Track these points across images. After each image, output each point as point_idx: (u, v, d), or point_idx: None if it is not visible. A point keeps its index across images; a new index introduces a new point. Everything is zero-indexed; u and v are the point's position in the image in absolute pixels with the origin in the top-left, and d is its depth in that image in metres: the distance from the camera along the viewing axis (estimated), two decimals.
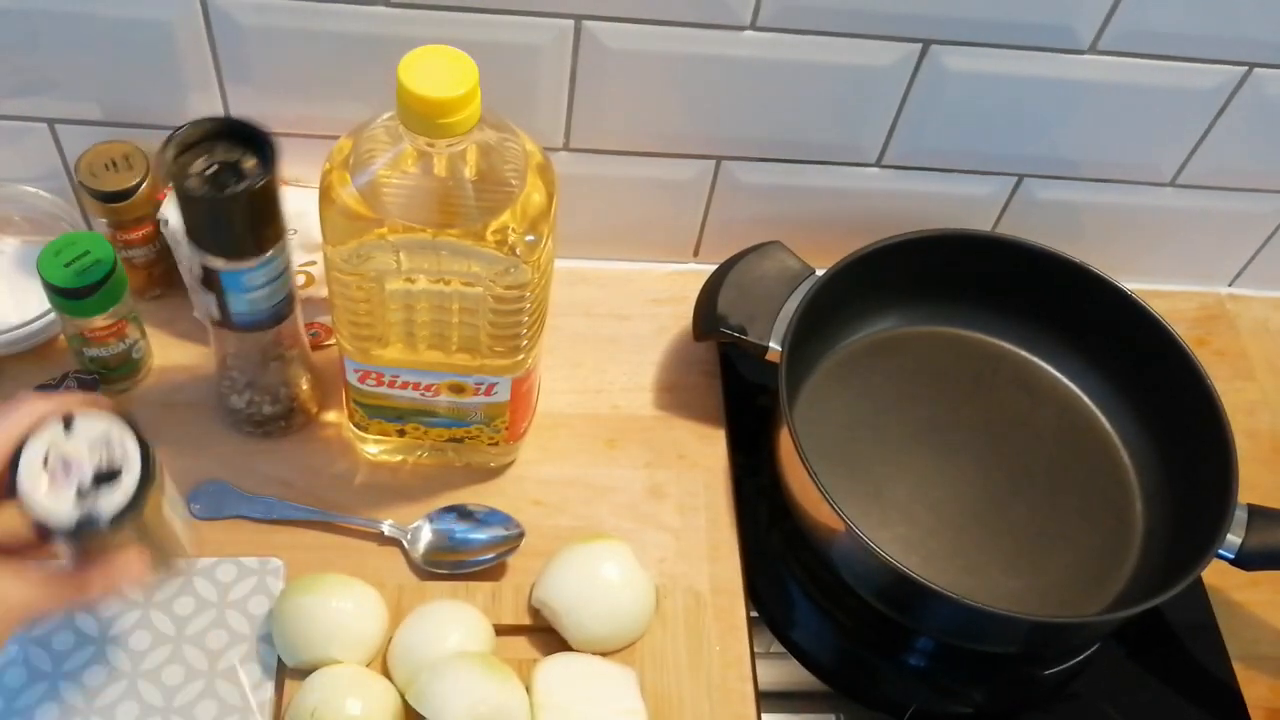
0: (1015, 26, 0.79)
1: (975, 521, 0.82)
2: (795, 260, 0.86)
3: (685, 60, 0.80)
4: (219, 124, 0.66)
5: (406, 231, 0.64)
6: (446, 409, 0.77)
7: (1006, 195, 0.93)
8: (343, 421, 0.83)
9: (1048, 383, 0.90)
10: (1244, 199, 0.95)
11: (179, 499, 0.63)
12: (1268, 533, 0.75)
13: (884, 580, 0.75)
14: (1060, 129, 0.87)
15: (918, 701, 0.77)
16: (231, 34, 0.76)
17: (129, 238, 0.82)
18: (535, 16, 0.76)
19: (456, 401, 0.76)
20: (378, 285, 0.67)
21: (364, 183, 0.65)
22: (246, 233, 0.67)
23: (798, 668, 0.78)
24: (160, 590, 0.74)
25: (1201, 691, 0.81)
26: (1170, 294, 1.02)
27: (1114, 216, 0.95)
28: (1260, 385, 0.98)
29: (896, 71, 0.82)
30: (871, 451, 0.85)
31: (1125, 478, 0.86)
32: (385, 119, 0.66)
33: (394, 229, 0.64)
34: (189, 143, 0.65)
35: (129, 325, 0.79)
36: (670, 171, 0.88)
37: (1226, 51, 0.82)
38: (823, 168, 0.89)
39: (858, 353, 0.90)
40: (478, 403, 0.76)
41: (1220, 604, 0.84)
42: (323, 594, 0.72)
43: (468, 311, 0.69)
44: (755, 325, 0.82)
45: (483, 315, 0.69)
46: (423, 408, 0.76)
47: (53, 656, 0.71)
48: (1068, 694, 0.80)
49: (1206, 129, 0.88)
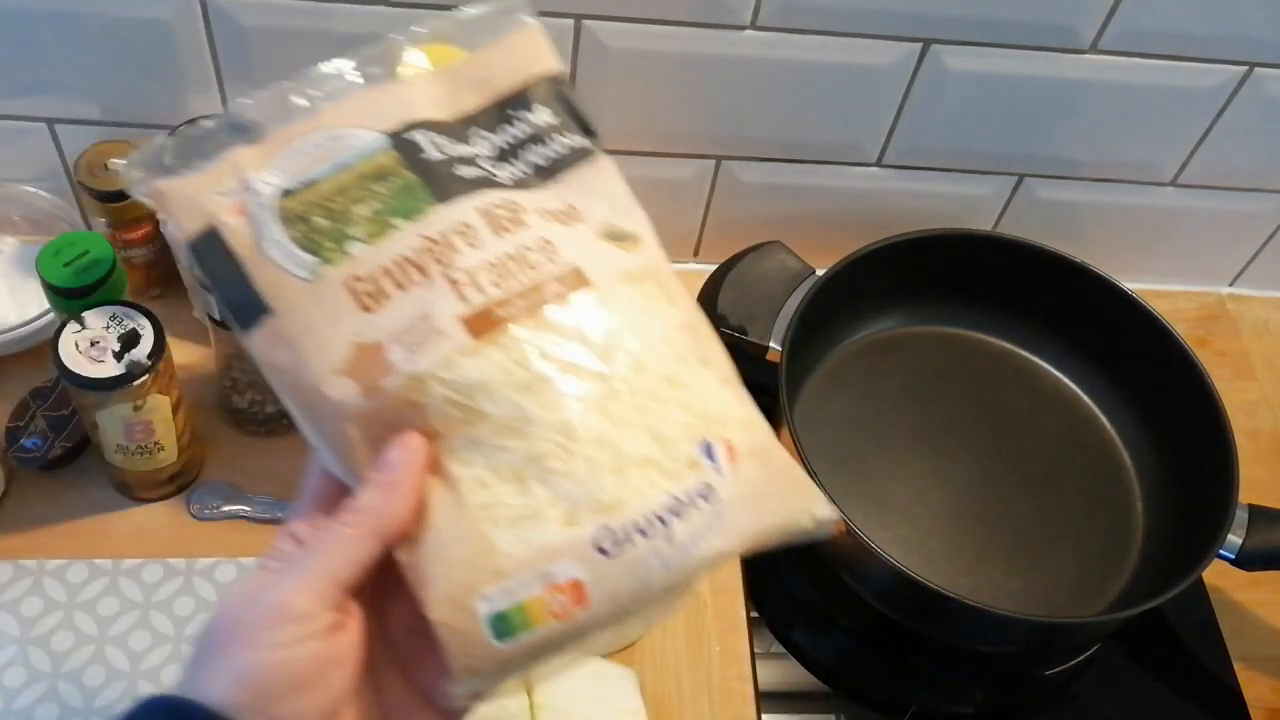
0: (1016, 26, 0.79)
1: (976, 522, 0.82)
2: (795, 260, 0.86)
3: (685, 60, 0.80)
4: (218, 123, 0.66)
5: None
6: None
7: (1007, 195, 0.93)
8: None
9: (1048, 383, 0.90)
10: (1245, 199, 0.95)
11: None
12: (1268, 533, 0.75)
13: (884, 581, 0.75)
14: (1061, 129, 0.87)
15: (918, 702, 0.77)
16: (231, 34, 0.76)
17: (128, 238, 0.82)
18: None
19: None
20: None
21: None
22: None
23: (798, 668, 0.78)
24: (160, 592, 0.74)
25: (1202, 692, 0.80)
26: (1171, 294, 1.02)
27: (1114, 216, 0.95)
28: (1261, 385, 0.98)
29: (897, 71, 0.82)
30: (871, 451, 0.85)
31: (1126, 478, 0.86)
32: None
33: None
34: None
35: None
36: (670, 171, 0.88)
37: (1227, 51, 0.82)
38: (823, 168, 0.89)
39: (858, 353, 0.90)
40: None
41: (1221, 604, 0.84)
42: None
43: None
44: (755, 325, 0.82)
45: None
46: None
47: (52, 657, 0.71)
48: (1068, 694, 0.80)
49: (1207, 129, 0.88)
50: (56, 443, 0.77)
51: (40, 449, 0.76)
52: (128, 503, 0.78)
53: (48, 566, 0.74)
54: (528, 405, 0.41)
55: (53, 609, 0.73)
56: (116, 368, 0.68)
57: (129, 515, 0.78)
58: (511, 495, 0.41)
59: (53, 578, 0.74)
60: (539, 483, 0.41)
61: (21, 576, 0.74)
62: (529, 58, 0.48)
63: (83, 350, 0.68)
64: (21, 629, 0.72)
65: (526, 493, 0.41)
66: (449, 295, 0.42)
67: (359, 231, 0.43)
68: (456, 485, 0.41)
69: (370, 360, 0.41)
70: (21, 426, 0.77)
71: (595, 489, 0.41)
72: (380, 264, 0.42)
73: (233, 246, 0.43)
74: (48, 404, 0.78)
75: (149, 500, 0.78)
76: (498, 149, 0.47)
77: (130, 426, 0.71)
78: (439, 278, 0.42)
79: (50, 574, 0.74)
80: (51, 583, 0.74)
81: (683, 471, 0.42)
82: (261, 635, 0.40)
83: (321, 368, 0.42)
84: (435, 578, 0.40)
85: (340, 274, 0.42)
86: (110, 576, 0.74)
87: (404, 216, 0.43)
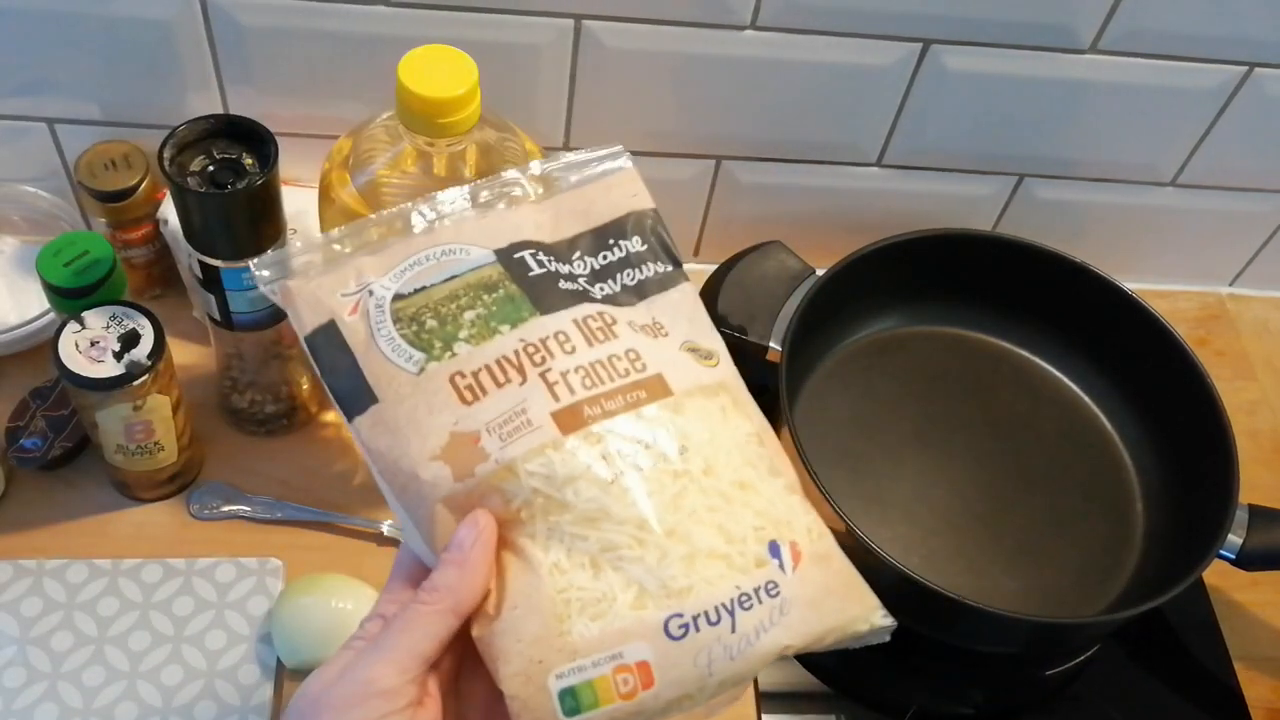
0: (1016, 26, 0.79)
1: (976, 522, 0.82)
2: (795, 260, 0.86)
3: (685, 60, 0.80)
4: (218, 122, 0.66)
5: None
6: None
7: (1007, 195, 0.93)
8: (342, 421, 0.83)
9: (1048, 383, 0.90)
10: (1245, 199, 0.95)
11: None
12: (1269, 533, 0.75)
13: (885, 581, 0.74)
14: (1061, 129, 0.87)
15: (918, 702, 0.77)
16: (231, 34, 0.76)
17: (128, 237, 0.82)
18: (535, 16, 0.76)
19: None
20: None
21: (364, 182, 0.65)
22: (246, 231, 0.67)
23: (798, 668, 0.78)
24: (160, 592, 0.74)
25: (1202, 692, 0.80)
26: (1171, 294, 1.02)
27: (1114, 216, 0.95)
28: (1261, 385, 0.98)
29: (897, 71, 0.82)
30: (871, 451, 0.85)
31: (1126, 478, 0.86)
32: (385, 119, 0.66)
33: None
34: (188, 141, 0.65)
35: None
36: (670, 171, 0.88)
37: (1227, 51, 0.82)
38: (823, 168, 0.89)
39: (858, 353, 0.90)
40: None
41: (1221, 604, 0.84)
42: (322, 594, 0.71)
43: None
44: (755, 325, 0.82)
45: None
46: None
47: (52, 657, 0.71)
48: (1068, 694, 0.80)
49: (1207, 129, 0.88)
50: (56, 443, 0.77)
51: (40, 449, 0.76)
52: (127, 503, 0.78)
53: (47, 566, 0.74)
54: (606, 498, 0.44)
55: (52, 609, 0.73)
56: (116, 368, 0.68)
57: (129, 515, 0.78)
58: (586, 580, 0.44)
59: (52, 578, 0.74)
60: (612, 569, 0.44)
61: (21, 576, 0.74)
62: (627, 194, 0.53)
63: (82, 350, 0.68)
64: (21, 629, 0.72)
65: (600, 578, 0.44)
66: (543, 393, 0.46)
67: (465, 333, 0.47)
68: (536, 569, 0.44)
69: (465, 448, 0.45)
70: (21, 426, 0.77)
71: (666, 576, 0.44)
72: (482, 363, 0.46)
73: (348, 341, 0.47)
74: (47, 404, 0.78)
75: (149, 500, 0.78)
76: (595, 270, 0.51)
77: (130, 426, 0.71)
78: (535, 378, 0.46)
79: (50, 574, 0.74)
80: (51, 583, 0.74)
81: (750, 567, 0.45)
82: (350, 712, 0.42)
83: (420, 453, 0.45)
84: (511, 654, 0.43)
85: (444, 370, 0.46)
86: (110, 576, 0.74)
87: (507, 323, 0.47)
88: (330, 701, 0.43)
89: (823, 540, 0.48)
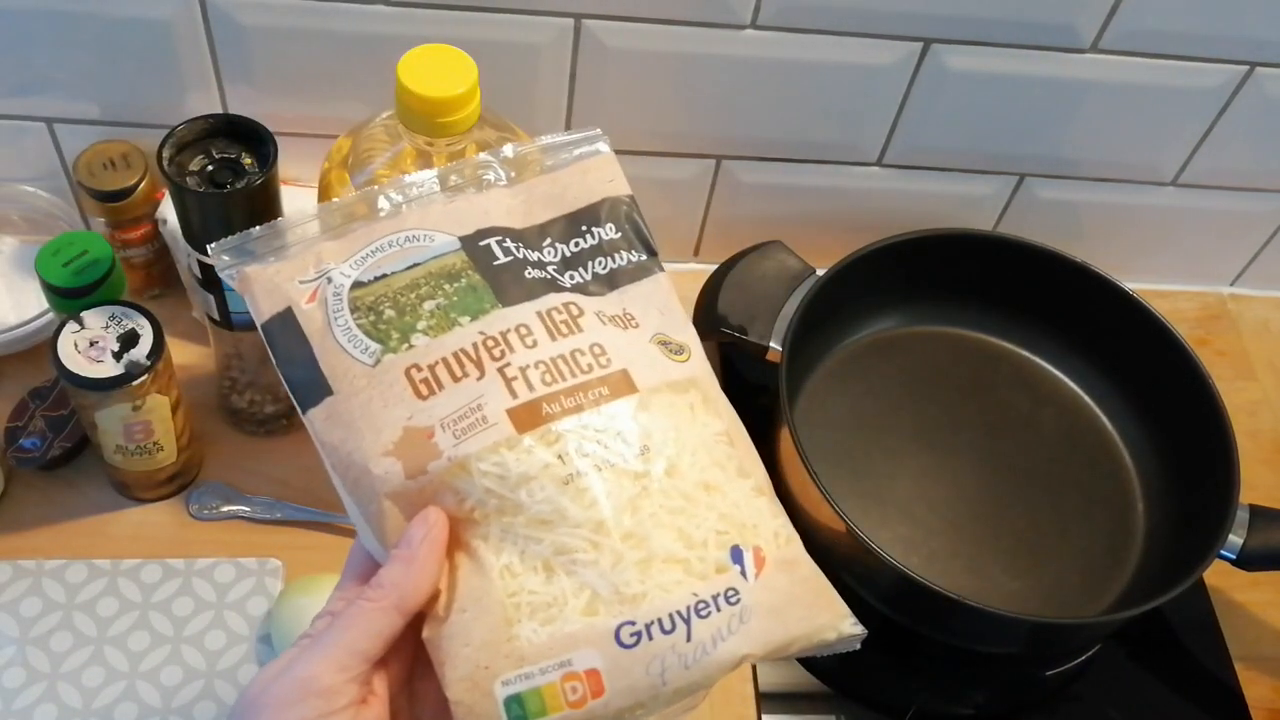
0: (1016, 25, 0.79)
1: (976, 522, 0.82)
2: (795, 260, 0.86)
3: (685, 60, 0.80)
4: (217, 122, 0.66)
5: None
6: None
7: (1007, 195, 0.93)
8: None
9: (1048, 383, 0.90)
10: (1246, 199, 0.94)
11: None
12: (1269, 533, 0.75)
13: (885, 581, 0.75)
14: (1061, 128, 0.87)
15: (918, 702, 0.77)
16: (231, 33, 0.76)
17: (127, 237, 0.82)
18: (535, 15, 0.76)
19: None
20: None
21: (363, 182, 0.64)
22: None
23: (798, 668, 0.78)
24: (159, 592, 0.74)
25: (1203, 692, 0.80)
26: (1171, 294, 1.02)
27: (1115, 216, 0.95)
28: (1261, 385, 0.98)
29: (897, 71, 0.82)
30: (871, 451, 0.85)
31: (1126, 478, 0.86)
32: (384, 118, 0.66)
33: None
34: (187, 141, 0.65)
35: None
36: (670, 171, 0.88)
37: (1228, 51, 0.82)
38: (823, 167, 0.89)
39: (858, 353, 0.90)
40: None
41: (1222, 605, 0.84)
42: (322, 595, 0.71)
43: None
44: (755, 325, 0.82)
45: None
46: None
47: (51, 657, 0.71)
48: (1069, 695, 0.80)
49: (1208, 128, 0.87)
50: (55, 443, 0.77)
51: (39, 449, 0.76)
52: (127, 503, 0.78)
53: (47, 567, 0.74)
54: (562, 499, 0.43)
55: (52, 609, 0.73)
56: (116, 368, 0.68)
57: (128, 515, 0.78)
58: (538, 584, 0.42)
59: (52, 578, 0.74)
60: (565, 573, 0.42)
61: (20, 577, 0.73)
62: (602, 180, 0.51)
63: (82, 350, 0.68)
64: (20, 629, 0.72)
65: (553, 582, 0.42)
66: (500, 389, 0.44)
67: (423, 325, 0.45)
68: (487, 571, 0.43)
69: (418, 443, 0.44)
70: (20, 426, 0.77)
71: (620, 581, 0.42)
72: (440, 356, 0.45)
73: (305, 329, 0.46)
74: (47, 404, 0.78)
75: (148, 500, 0.78)
76: (565, 257, 0.49)
77: (129, 426, 0.71)
78: (493, 372, 0.44)
79: (49, 574, 0.74)
80: (50, 583, 0.73)
81: (709, 573, 0.44)
82: (287, 711, 0.41)
83: (372, 448, 0.44)
84: (458, 658, 0.42)
85: (401, 362, 0.45)
86: (109, 577, 0.74)
87: (467, 314, 0.46)
88: (268, 700, 0.41)
89: (790, 545, 0.47)
